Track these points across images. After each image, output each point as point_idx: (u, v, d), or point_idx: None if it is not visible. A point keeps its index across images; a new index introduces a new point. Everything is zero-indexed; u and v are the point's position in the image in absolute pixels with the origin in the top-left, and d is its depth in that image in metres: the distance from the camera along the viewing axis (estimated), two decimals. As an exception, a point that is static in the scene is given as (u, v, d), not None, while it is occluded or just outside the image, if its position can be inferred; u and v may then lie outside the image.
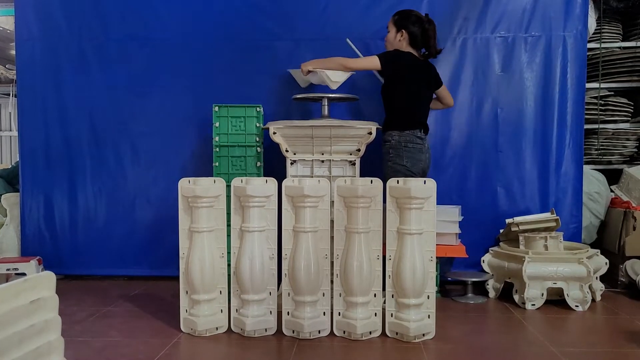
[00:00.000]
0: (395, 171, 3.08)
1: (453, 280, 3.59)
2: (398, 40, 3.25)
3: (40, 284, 1.50)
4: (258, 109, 3.34)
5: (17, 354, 1.42)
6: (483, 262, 3.51)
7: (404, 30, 3.23)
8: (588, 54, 3.84)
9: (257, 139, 3.33)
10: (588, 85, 3.91)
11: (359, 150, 3.13)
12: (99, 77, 3.88)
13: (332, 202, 2.70)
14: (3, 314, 1.36)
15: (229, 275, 2.77)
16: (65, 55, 3.90)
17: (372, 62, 3.16)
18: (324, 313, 2.70)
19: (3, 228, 4.00)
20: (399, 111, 3.18)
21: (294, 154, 3.17)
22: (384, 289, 2.67)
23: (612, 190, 4.03)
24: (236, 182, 2.72)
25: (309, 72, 3.18)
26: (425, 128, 3.25)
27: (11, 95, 4.84)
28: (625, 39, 4.32)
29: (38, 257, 3.68)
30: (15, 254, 3.95)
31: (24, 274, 3.50)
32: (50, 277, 1.54)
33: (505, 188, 3.73)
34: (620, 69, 4.21)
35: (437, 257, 2.95)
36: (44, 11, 3.89)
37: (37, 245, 3.94)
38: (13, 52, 4.49)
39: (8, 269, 3.56)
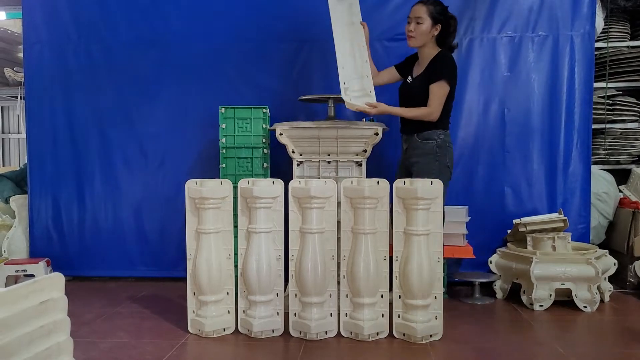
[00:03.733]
0: (442, 171, 3.00)
1: (460, 281, 3.58)
2: (432, 35, 3.08)
3: (49, 285, 1.51)
4: (264, 110, 3.35)
5: (27, 355, 1.43)
6: (490, 262, 3.50)
7: (439, 25, 3.07)
8: (595, 53, 3.82)
9: (264, 140, 3.34)
10: (596, 84, 3.89)
11: (365, 151, 3.13)
12: (106, 79, 3.90)
13: (338, 203, 2.71)
14: (13, 315, 1.37)
15: (236, 276, 2.77)
16: (73, 58, 3.92)
17: (446, 91, 3.00)
18: (331, 314, 2.70)
19: (12, 230, 4.02)
20: (445, 112, 3.07)
21: (301, 155, 3.17)
22: (391, 290, 2.67)
23: (620, 191, 4.00)
24: (243, 183, 2.73)
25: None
26: None
27: (19, 97, 4.86)
28: (633, 38, 4.30)
29: (46, 259, 3.70)
30: (24, 256, 3.97)
31: (32, 276, 3.53)
32: (59, 278, 1.55)
33: (512, 188, 3.71)
34: (628, 68, 4.18)
35: (444, 258, 2.95)
36: (52, 14, 3.92)
37: (46, 246, 3.96)
38: (21, 55, 4.52)
39: (17, 271, 3.59)
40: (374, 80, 3.15)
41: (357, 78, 3.06)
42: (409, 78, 3.17)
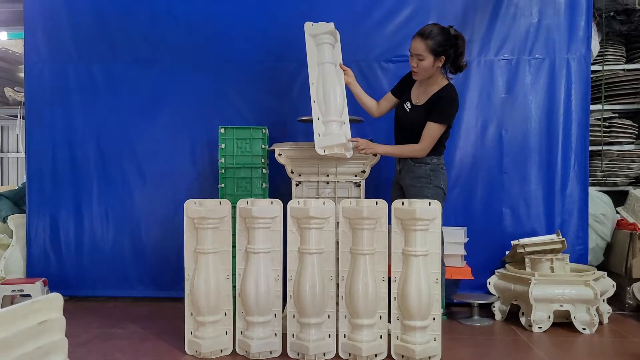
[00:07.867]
0: (436, 193, 2.98)
1: (459, 303, 3.57)
2: (436, 67, 2.94)
3: (48, 306, 1.51)
4: (264, 130, 3.36)
5: (24, 376, 1.42)
6: (489, 284, 3.49)
7: (443, 57, 2.92)
8: (592, 76, 3.86)
9: (263, 161, 3.35)
10: (592, 107, 3.92)
11: (364, 171, 3.14)
12: (106, 99, 3.92)
13: (337, 224, 2.71)
14: (12, 335, 1.37)
15: (234, 297, 2.76)
16: (73, 78, 3.94)
17: (442, 132, 2.97)
18: (329, 335, 2.69)
19: (9, 249, 4.00)
20: (440, 140, 3.02)
21: (299, 175, 3.18)
22: (389, 311, 2.66)
23: (617, 212, 4.01)
24: (242, 203, 2.73)
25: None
26: None
27: (19, 117, 4.89)
28: (628, 61, 4.35)
29: (43, 279, 3.68)
30: (21, 275, 3.95)
31: (29, 296, 3.51)
32: (57, 299, 1.55)
33: (510, 209, 3.72)
34: (624, 90, 4.23)
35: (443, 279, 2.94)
36: (53, 34, 3.95)
37: (43, 266, 3.94)
38: (22, 74, 4.55)
39: (13, 290, 3.56)
40: (376, 112, 3.23)
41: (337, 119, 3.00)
42: (408, 104, 3.08)
